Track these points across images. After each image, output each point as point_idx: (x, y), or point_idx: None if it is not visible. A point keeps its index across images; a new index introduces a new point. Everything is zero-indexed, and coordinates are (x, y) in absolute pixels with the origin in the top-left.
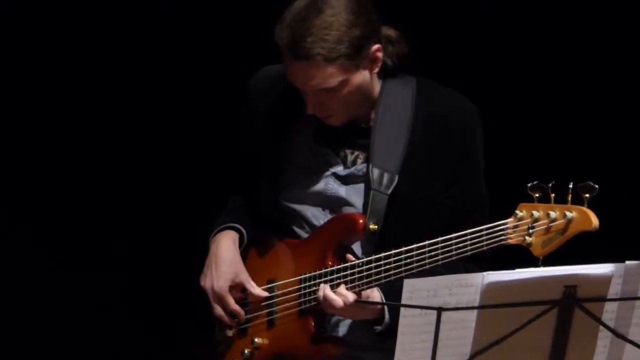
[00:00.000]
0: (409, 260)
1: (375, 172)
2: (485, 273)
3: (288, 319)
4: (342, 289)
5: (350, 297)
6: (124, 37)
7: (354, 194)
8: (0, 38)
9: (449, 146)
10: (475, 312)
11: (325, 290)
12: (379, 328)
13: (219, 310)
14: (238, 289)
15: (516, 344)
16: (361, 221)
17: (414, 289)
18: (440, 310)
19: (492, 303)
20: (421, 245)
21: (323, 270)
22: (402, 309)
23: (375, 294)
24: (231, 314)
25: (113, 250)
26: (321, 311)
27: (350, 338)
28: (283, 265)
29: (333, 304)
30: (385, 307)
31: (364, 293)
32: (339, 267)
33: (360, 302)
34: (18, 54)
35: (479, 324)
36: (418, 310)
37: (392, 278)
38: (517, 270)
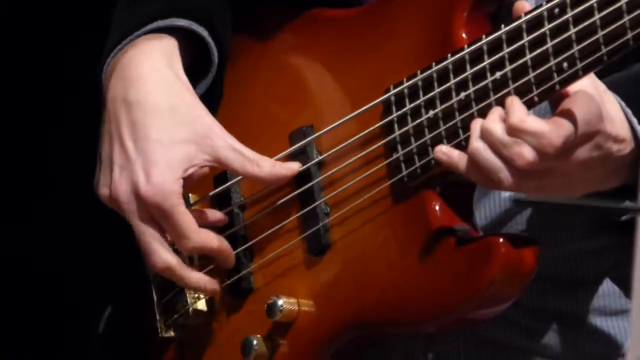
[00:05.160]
0: None
1: None
2: None
3: (360, 220)
4: (515, 105)
5: (548, 130)
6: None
7: None
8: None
9: None
10: None
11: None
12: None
13: (162, 257)
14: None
15: None
16: None
17: None
18: None
19: None
20: None
21: (449, 60)
22: None
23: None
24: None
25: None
26: (460, 179)
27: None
28: (328, 81)
29: (510, 155)
30: None
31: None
32: (490, 38)
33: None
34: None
35: None
36: None
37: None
38: None
